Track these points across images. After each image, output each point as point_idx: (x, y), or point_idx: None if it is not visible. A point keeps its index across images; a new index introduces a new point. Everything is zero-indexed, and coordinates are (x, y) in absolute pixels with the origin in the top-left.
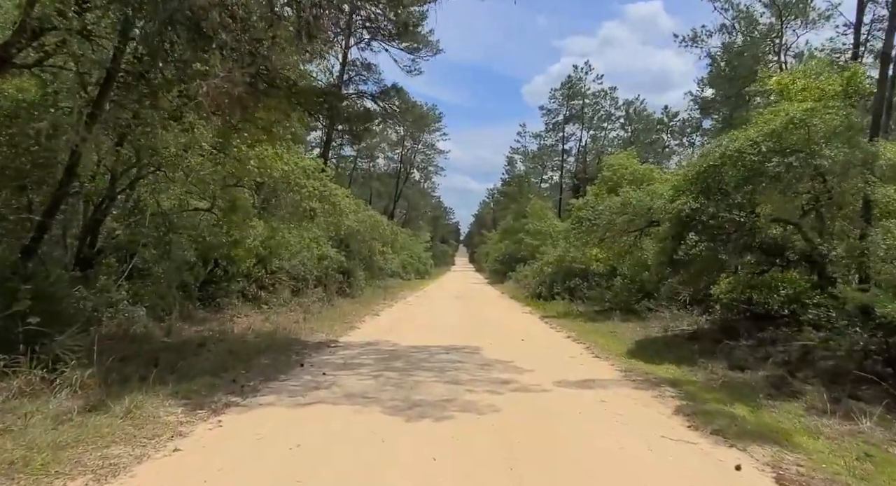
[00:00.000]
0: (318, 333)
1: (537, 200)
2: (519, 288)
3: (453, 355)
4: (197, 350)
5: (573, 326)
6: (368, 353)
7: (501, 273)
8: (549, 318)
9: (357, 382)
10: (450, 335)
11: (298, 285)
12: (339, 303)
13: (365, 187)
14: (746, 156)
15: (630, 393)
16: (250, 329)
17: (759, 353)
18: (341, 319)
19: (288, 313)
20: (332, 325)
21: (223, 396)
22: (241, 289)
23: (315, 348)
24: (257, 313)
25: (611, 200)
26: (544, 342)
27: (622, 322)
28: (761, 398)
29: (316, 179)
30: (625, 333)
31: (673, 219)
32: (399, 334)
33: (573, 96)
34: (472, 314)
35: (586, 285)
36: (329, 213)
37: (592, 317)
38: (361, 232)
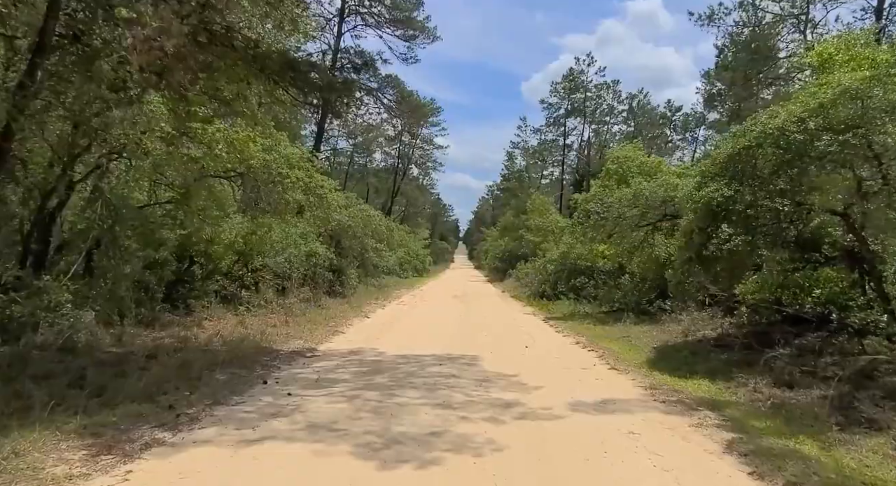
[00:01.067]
0: (296, 339)
1: (538, 196)
2: (520, 286)
3: (447, 367)
4: (144, 363)
5: (581, 329)
6: (349, 365)
7: (501, 271)
8: (554, 320)
9: (327, 406)
10: (445, 342)
11: (284, 284)
12: (327, 303)
13: (362, 183)
14: (790, 135)
15: (663, 420)
16: (218, 335)
17: (804, 364)
18: (326, 322)
19: (268, 316)
20: (313, 329)
21: (149, 430)
22: (218, 289)
23: (287, 359)
24: (234, 316)
25: (621, 192)
26: (551, 350)
27: (635, 325)
28: (830, 429)
29: (301, 170)
30: (640, 338)
31: (701, 209)
32: (388, 340)
33: (575, 89)
34: (471, 316)
35: (592, 283)
36: (315, 206)
37: (601, 319)
38: (353, 227)
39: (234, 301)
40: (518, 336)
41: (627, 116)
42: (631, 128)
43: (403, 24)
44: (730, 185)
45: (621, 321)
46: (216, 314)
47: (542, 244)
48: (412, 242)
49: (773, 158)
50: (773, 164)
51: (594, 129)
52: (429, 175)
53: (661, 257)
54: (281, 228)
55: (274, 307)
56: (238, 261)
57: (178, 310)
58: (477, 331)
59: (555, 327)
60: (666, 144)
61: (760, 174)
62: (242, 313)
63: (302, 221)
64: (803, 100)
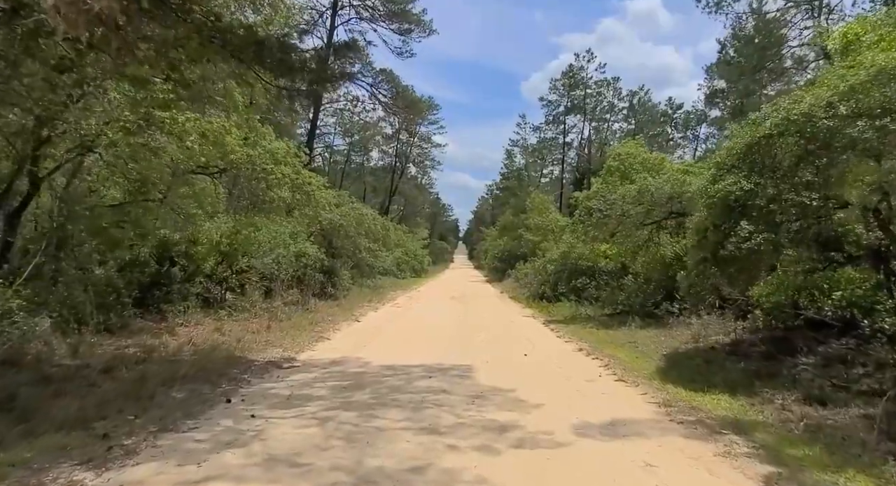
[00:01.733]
0: (275, 347)
1: (538, 194)
2: (519, 287)
3: (437, 381)
4: (95, 378)
5: (584, 334)
6: (328, 378)
7: (501, 271)
8: (555, 323)
9: (294, 431)
10: (437, 349)
11: (272, 287)
12: (316, 306)
13: (359, 182)
14: (818, 121)
15: (683, 446)
16: (191, 343)
17: (833, 375)
18: (312, 327)
19: (250, 321)
20: (297, 336)
21: (69, 469)
22: (201, 291)
23: (260, 372)
24: (213, 321)
25: (625, 188)
26: (552, 358)
27: (641, 329)
28: (881, 459)
29: (288, 166)
30: (647, 343)
31: (717, 205)
32: (376, 347)
33: (575, 86)
34: (468, 319)
35: (594, 284)
36: (303, 204)
37: (604, 322)
38: (345, 227)
39: (215, 305)
40: (517, 342)
41: (628, 113)
42: (632, 125)
43: (398, 18)
44: (749, 177)
45: (626, 325)
46: (194, 319)
47: (541, 244)
48: (410, 241)
49: (795, 147)
50: (795, 154)
51: (594, 126)
52: (427, 174)
53: (668, 256)
54: (269, 228)
55: (258, 311)
56: (222, 262)
57: (152, 315)
58: (473, 335)
59: (556, 332)
60: (667, 141)
61: (779, 166)
62: (223, 318)
63: (292, 221)
64: (831, 83)
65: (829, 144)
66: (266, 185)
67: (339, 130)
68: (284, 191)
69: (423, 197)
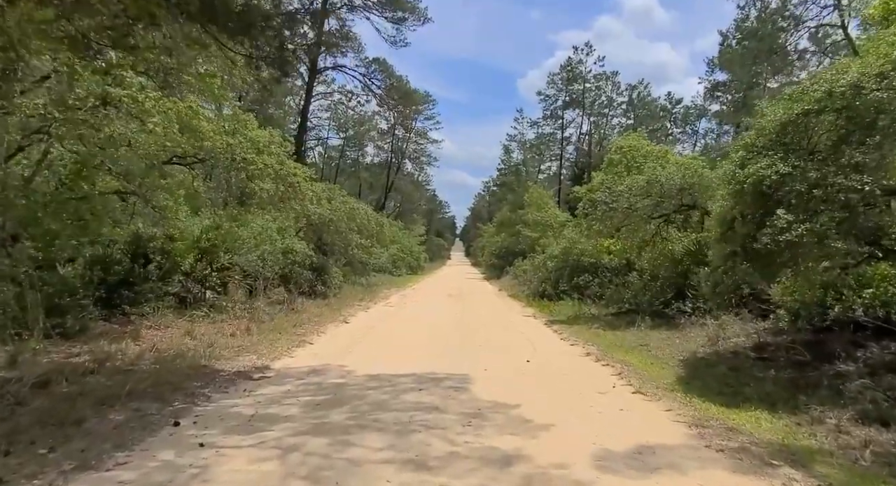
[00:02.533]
0: (249, 353)
1: (536, 188)
2: (518, 284)
3: (429, 394)
4: (25, 395)
5: (589, 335)
6: (302, 392)
7: (499, 268)
8: (558, 324)
9: (247, 467)
10: (431, 354)
11: (257, 285)
12: (304, 306)
13: (354, 178)
14: (868, 94)
15: (734, 485)
16: (154, 349)
17: (885, 386)
18: (295, 329)
19: (229, 322)
20: (276, 339)
21: None
22: (179, 291)
23: (225, 384)
24: (188, 322)
25: (632, 179)
26: (558, 365)
27: (651, 330)
28: None
29: (272, 156)
30: (660, 347)
31: (746, 191)
32: (362, 353)
33: (573, 80)
34: (465, 320)
35: (597, 282)
36: (289, 197)
37: (610, 323)
38: (335, 222)
39: (193, 305)
40: (518, 345)
41: (627, 108)
42: (631, 121)
43: (392, 5)
44: (785, 159)
45: (634, 326)
46: (166, 321)
47: (540, 240)
48: (406, 238)
49: (835, 126)
50: (837, 133)
51: (593, 121)
52: (423, 170)
53: (677, 252)
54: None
55: (238, 312)
56: (202, 259)
57: (119, 317)
58: (470, 338)
59: (559, 333)
60: (666, 136)
61: (819, 147)
62: (199, 320)
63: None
64: (880, 51)
65: (874, 124)
66: (246, 175)
67: (333, 125)
68: (267, 182)
69: (419, 194)
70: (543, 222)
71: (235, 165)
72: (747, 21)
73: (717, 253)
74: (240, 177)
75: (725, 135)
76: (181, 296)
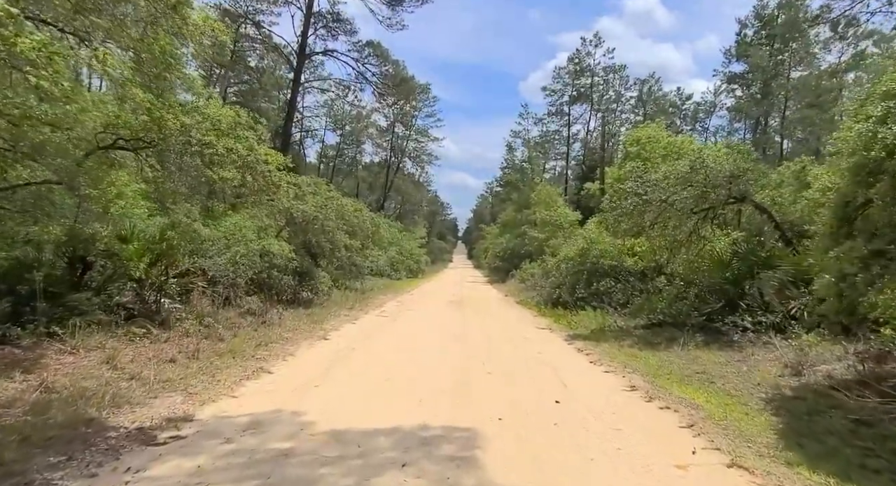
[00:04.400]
0: (174, 392)
1: (545, 186)
2: (525, 289)
3: (415, 474)
4: None
5: (626, 357)
6: (219, 469)
7: (503, 271)
8: (581, 340)
9: None
10: (424, 391)
11: (226, 293)
12: (281, 317)
13: (351, 178)
14: None
15: None
16: (41, 387)
17: None
18: (256, 351)
19: (176, 341)
20: (224, 367)
21: None
22: (128, 301)
23: (101, 456)
24: (126, 343)
25: (669, 165)
26: (599, 407)
27: (700, 350)
28: None
29: (240, 141)
30: (724, 375)
31: None
32: (331, 389)
33: (581, 73)
34: (468, 335)
35: (620, 287)
36: (260, 189)
37: (645, 338)
38: (320, 220)
39: (139, 319)
40: (538, 373)
41: (636, 103)
42: (640, 117)
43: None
44: None
45: (677, 343)
46: (93, 342)
47: (549, 241)
48: (406, 240)
49: None
50: None
51: (602, 117)
52: (424, 169)
53: (725, 253)
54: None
55: (193, 327)
56: (156, 263)
57: (24, 338)
58: (476, 361)
59: (587, 354)
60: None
61: None
62: (139, 339)
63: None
64: None
65: None
66: (202, 161)
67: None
68: (229, 171)
69: (420, 194)
70: (553, 222)
71: (189, 149)
72: (766, 9)
73: (850, 254)
74: (193, 163)
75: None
76: (129, 307)
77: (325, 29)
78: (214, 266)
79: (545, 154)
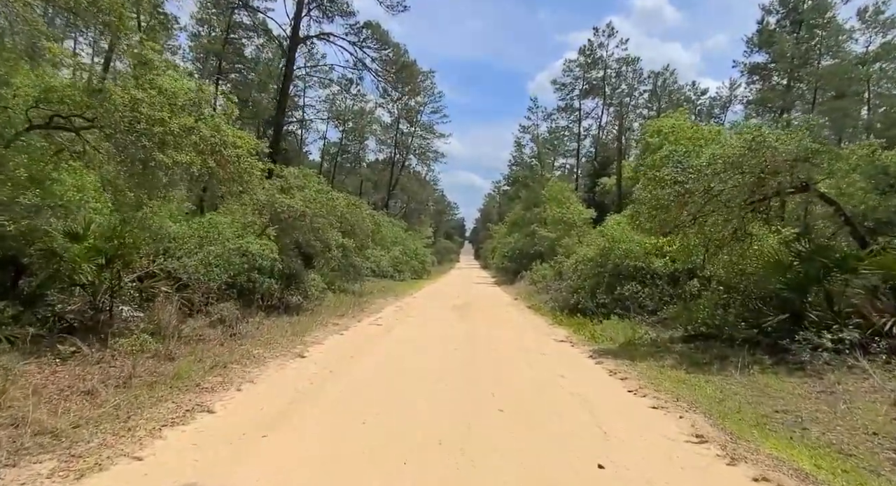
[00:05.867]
0: (47, 455)
1: (557, 181)
2: (536, 292)
3: None
4: None
5: (673, 385)
6: None
7: (511, 272)
8: (610, 357)
9: None
10: (412, 446)
11: (196, 298)
12: (259, 326)
13: (354, 176)
14: None
15: None
16: None
17: None
18: (207, 376)
19: (109, 363)
20: (150, 405)
21: None
22: (76, 310)
23: None
24: (39, 368)
25: (715, 148)
26: (663, 481)
27: (766, 374)
28: None
29: (204, 121)
30: (819, 417)
31: None
32: (286, 441)
33: (593, 64)
34: (474, 350)
35: (647, 292)
36: (231, 178)
37: (688, 355)
38: (309, 216)
39: (75, 333)
40: (567, 413)
41: (650, 98)
42: (653, 112)
43: None
44: None
45: (730, 363)
46: None
47: (562, 240)
48: (410, 239)
49: None
50: None
51: (614, 111)
52: (430, 167)
53: (780, 253)
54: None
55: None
56: (109, 265)
57: None
58: (483, 393)
59: (622, 378)
60: None
61: None
62: (68, 360)
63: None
64: None
65: None
66: (152, 143)
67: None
68: (185, 154)
69: (426, 193)
70: (565, 220)
71: (137, 127)
72: None
73: None
74: (139, 144)
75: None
76: (69, 319)
77: (318, 9)
78: (183, 268)
79: (554, 150)
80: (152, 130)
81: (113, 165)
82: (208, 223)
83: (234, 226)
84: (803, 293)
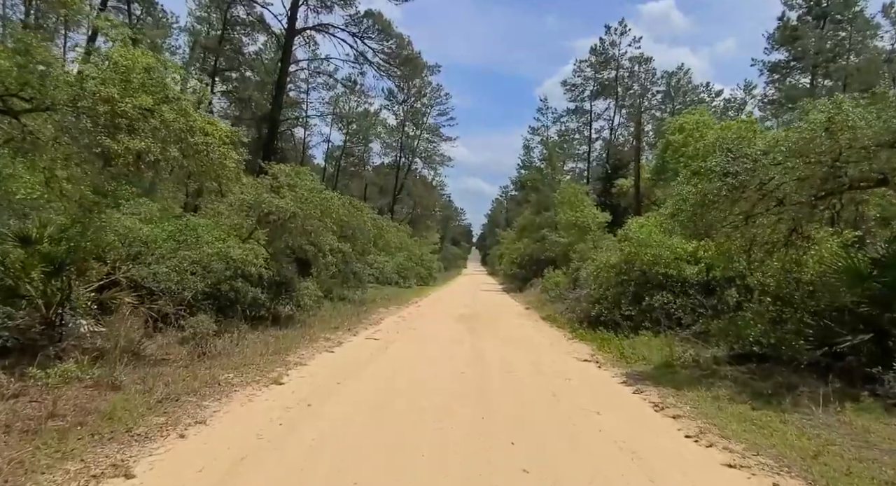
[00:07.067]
0: None
1: (570, 184)
2: (550, 301)
3: None
4: None
5: (740, 426)
6: None
7: (520, 279)
8: (652, 385)
9: None
10: None
11: (167, 310)
12: (240, 342)
13: (358, 179)
14: None
15: None
16: None
17: None
18: (150, 413)
19: (29, 397)
20: (45, 470)
21: None
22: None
23: None
24: None
25: (777, 133)
26: None
27: (856, 413)
28: None
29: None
30: None
31: None
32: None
33: (605, 64)
34: (486, 378)
35: (679, 303)
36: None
37: (746, 382)
38: (300, 217)
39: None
40: (616, 475)
41: (664, 99)
42: (667, 114)
43: None
44: None
45: (798, 394)
46: None
47: (576, 245)
48: (416, 245)
49: None
50: None
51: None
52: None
53: (857, 260)
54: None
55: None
56: (59, 273)
57: None
58: (499, 440)
59: (673, 417)
60: None
61: None
62: None
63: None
64: None
65: None
66: (97, 125)
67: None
68: (140, 140)
69: (432, 197)
70: (579, 224)
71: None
72: None
73: None
74: (80, 126)
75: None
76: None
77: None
78: (153, 276)
79: (564, 154)
80: (96, 109)
81: (50, 152)
82: (185, 226)
83: (216, 229)
84: (889, 308)
